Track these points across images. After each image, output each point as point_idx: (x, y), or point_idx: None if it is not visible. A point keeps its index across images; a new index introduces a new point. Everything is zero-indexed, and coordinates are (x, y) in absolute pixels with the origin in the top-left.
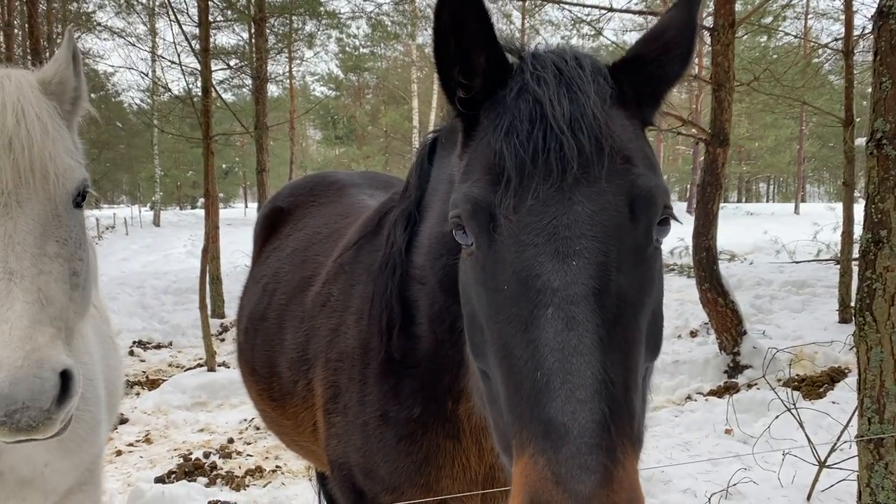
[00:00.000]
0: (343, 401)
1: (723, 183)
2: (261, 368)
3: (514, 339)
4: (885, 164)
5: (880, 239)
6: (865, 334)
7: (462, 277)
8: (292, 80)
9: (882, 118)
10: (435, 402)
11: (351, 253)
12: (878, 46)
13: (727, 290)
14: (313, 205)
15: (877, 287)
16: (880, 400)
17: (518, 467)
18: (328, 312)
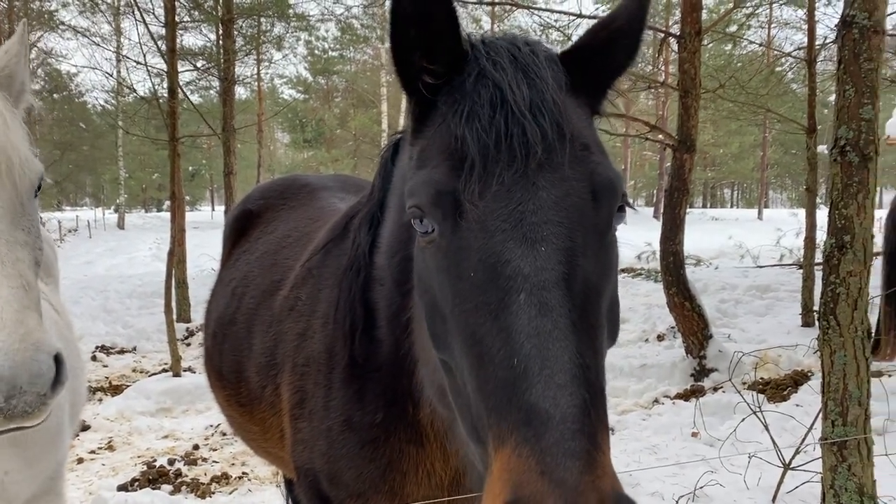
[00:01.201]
0: (309, 406)
1: (689, 188)
2: (228, 373)
3: (484, 327)
4: (848, 170)
5: (844, 244)
6: (829, 338)
7: (419, 267)
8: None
9: (845, 126)
10: (396, 407)
11: (319, 257)
12: (842, 55)
13: (693, 294)
14: (283, 208)
15: (840, 291)
16: (843, 403)
17: (499, 460)
18: (295, 317)
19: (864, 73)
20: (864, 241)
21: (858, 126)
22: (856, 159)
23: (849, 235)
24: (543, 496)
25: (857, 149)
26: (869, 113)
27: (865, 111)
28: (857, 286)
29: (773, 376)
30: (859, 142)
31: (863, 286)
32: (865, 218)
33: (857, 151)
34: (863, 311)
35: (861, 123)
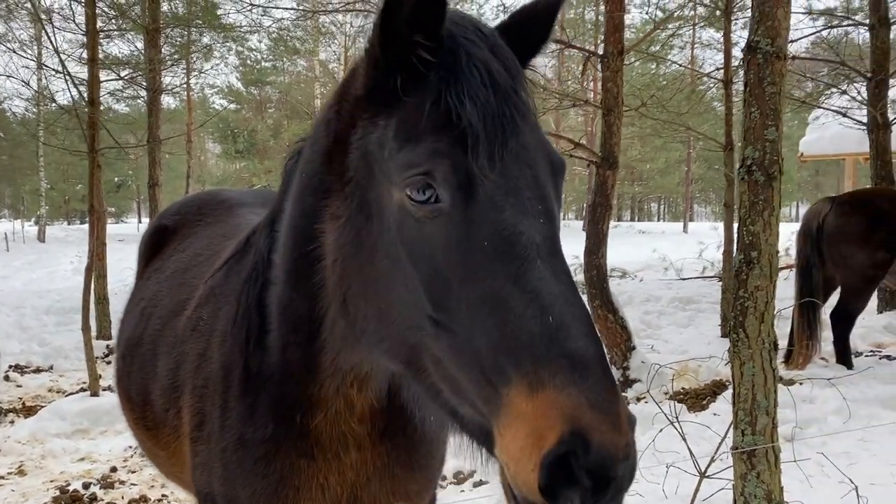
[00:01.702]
0: (207, 428)
1: (612, 204)
2: (136, 396)
3: (506, 290)
4: (754, 189)
5: (751, 260)
6: (739, 350)
7: (407, 237)
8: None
9: (752, 146)
10: (285, 418)
11: (220, 274)
12: (748, 79)
13: (617, 306)
14: (199, 224)
15: (749, 305)
16: (752, 412)
17: (539, 401)
18: (196, 337)
19: (768, 96)
20: (770, 256)
21: (764, 147)
22: (761, 178)
23: (756, 251)
24: (600, 423)
25: (762, 168)
26: (773, 134)
27: (770, 132)
28: (764, 300)
29: (693, 386)
30: (765, 162)
31: (769, 300)
32: (771, 234)
33: (762, 171)
34: (769, 324)
35: (766, 144)
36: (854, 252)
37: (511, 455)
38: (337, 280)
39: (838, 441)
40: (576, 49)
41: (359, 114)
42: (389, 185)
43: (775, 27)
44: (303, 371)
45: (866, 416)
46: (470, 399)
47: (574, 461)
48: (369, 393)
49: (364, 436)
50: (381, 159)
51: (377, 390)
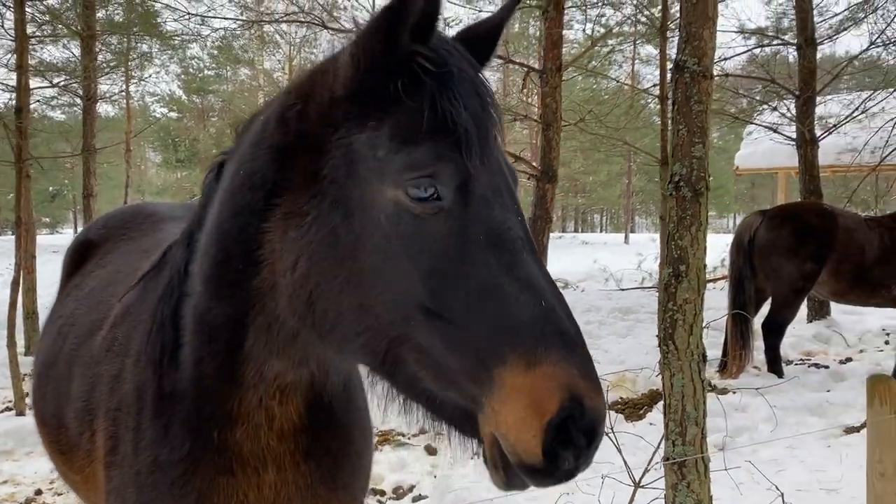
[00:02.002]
0: (121, 452)
1: (552, 216)
2: (50, 418)
3: (501, 279)
4: (682, 204)
5: (680, 273)
6: (669, 362)
7: (411, 234)
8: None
9: (679, 162)
10: (202, 435)
11: (136, 291)
12: (675, 97)
13: None
14: (123, 239)
15: (678, 318)
16: (682, 423)
17: (538, 376)
18: (111, 358)
19: (694, 114)
20: (698, 270)
21: (691, 163)
22: (689, 194)
23: (684, 265)
24: (590, 390)
25: (689, 184)
26: (700, 151)
27: (697, 149)
28: (693, 313)
29: (631, 396)
30: (692, 178)
31: (697, 312)
32: (698, 249)
33: (689, 186)
34: (698, 337)
35: (693, 161)
36: (784, 264)
37: (511, 425)
38: (300, 278)
39: (768, 449)
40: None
41: (339, 114)
42: (381, 183)
43: (701, 47)
44: (220, 384)
45: (795, 423)
46: (457, 383)
47: (572, 425)
48: (293, 405)
49: (285, 454)
50: (370, 159)
51: (302, 401)
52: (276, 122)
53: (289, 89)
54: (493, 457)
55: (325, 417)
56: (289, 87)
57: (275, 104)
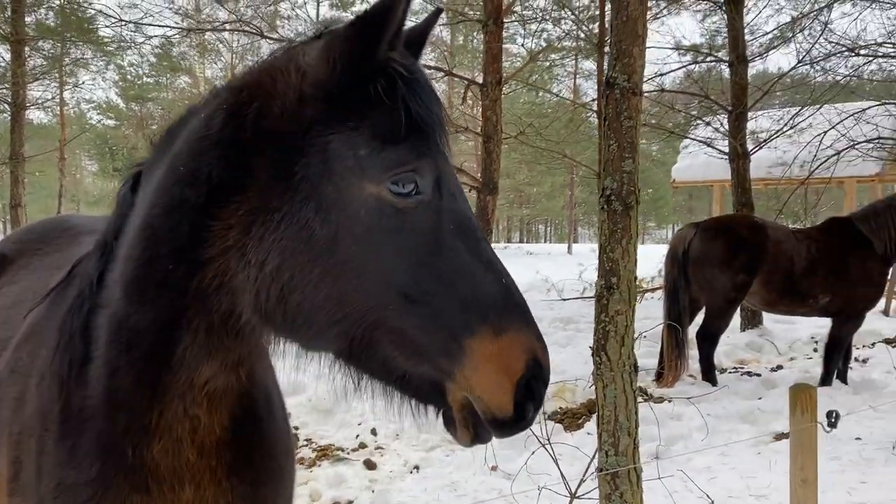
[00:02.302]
0: (23, 478)
1: (493, 228)
2: None
3: (470, 262)
4: (613, 217)
5: (612, 285)
6: (601, 373)
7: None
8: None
9: (610, 177)
10: (113, 452)
11: (42, 308)
12: (606, 113)
13: None
14: (37, 254)
15: (610, 329)
16: (615, 434)
17: (505, 341)
18: (15, 379)
19: (625, 129)
20: (629, 282)
21: (621, 177)
22: (619, 207)
23: (615, 277)
24: (543, 351)
25: (620, 198)
26: (630, 166)
27: (627, 164)
28: (624, 324)
29: (570, 406)
30: (622, 191)
31: (629, 324)
32: (629, 261)
33: (620, 200)
34: (629, 347)
35: (623, 175)
36: (717, 275)
37: (485, 387)
38: (271, 273)
39: (701, 456)
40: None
41: (309, 113)
42: (360, 180)
43: (631, 64)
44: (139, 395)
45: (728, 430)
46: (430, 357)
47: (533, 381)
48: (220, 414)
49: (206, 470)
50: (349, 158)
51: (229, 411)
52: (224, 119)
53: (238, 87)
54: (463, 418)
55: (249, 430)
56: (237, 85)
57: (216, 102)
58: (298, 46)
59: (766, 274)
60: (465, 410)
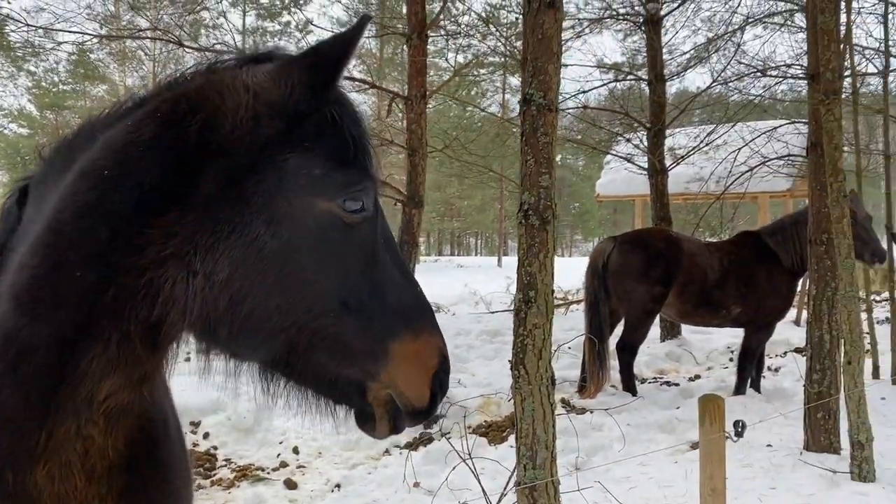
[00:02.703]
0: None
1: (418, 241)
2: None
3: (395, 272)
4: (531, 232)
5: (529, 299)
6: (520, 386)
7: (341, 240)
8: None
9: (528, 192)
10: None
11: None
12: (524, 129)
13: None
14: None
15: (528, 343)
16: (533, 447)
17: (422, 342)
18: None
19: (541, 145)
20: (546, 295)
21: (538, 193)
22: (537, 222)
23: (533, 291)
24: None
25: (537, 213)
26: (547, 181)
27: (544, 179)
28: (542, 337)
29: (495, 419)
30: (539, 206)
31: (546, 337)
32: (546, 275)
33: (537, 215)
34: (547, 361)
35: (540, 190)
36: (635, 287)
37: (407, 383)
38: (221, 283)
39: (621, 467)
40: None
41: (264, 132)
42: (313, 197)
43: (547, 81)
44: (25, 415)
45: (647, 440)
46: (359, 360)
47: (442, 374)
48: (116, 435)
49: (95, 498)
50: (303, 176)
51: (126, 431)
52: (158, 127)
53: (173, 97)
54: (384, 413)
55: (145, 454)
56: (172, 95)
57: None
58: (244, 66)
59: (680, 286)
60: (387, 406)
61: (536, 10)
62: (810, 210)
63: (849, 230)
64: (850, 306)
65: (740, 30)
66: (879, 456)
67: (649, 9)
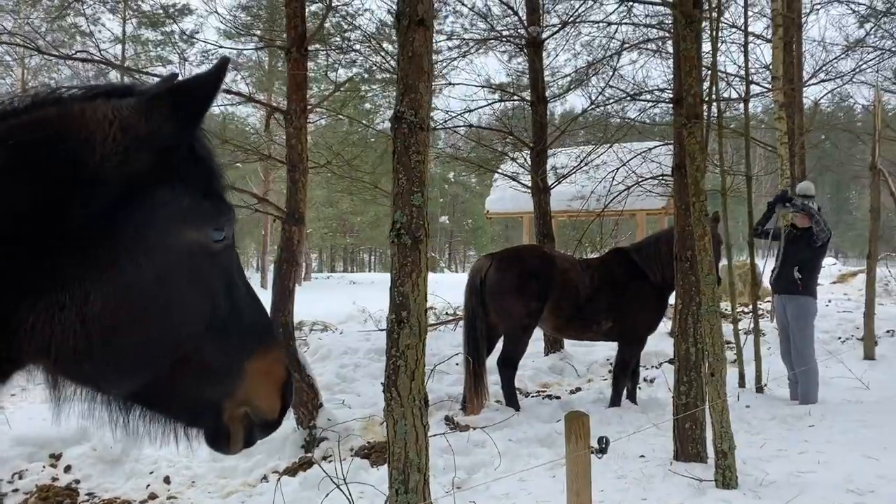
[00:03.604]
0: None
1: (299, 260)
2: None
3: (246, 294)
4: (403, 251)
5: (402, 319)
6: (392, 409)
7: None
8: None
9: (400, 211)
10: None
11: None
12: (395, 147)
13: (303, 364)
14: None
15: (400, 364)
16: (406, 471)
17: (272, 358)
18: None
19: (413, 164)
20: (419, 316)
21: (411, 211)
22: (409, 241)
23: (406, 311)
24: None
25: (410, 232)
26: (419, 200)
27: (416, 198)
28: (415, 358)
29: (379, 439)
30: (412, 225)
31: (419, 357)
32: (419, 295)
33: (410, 234)
34: (420, 382)
35: (412, 209)
36: (511, 303)
37: (262, 396)
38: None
39: (501, 483)
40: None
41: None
42: (182, 226)
43: (418, 100)
44: None
45: (527, 455)
46: (219, 380)
47: (287, 386)
48: None
49: None
50: (173, 206)
51: None
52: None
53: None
54: (240, 429)
55: None
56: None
57: None
58: (111, 101)
59: (554, 301)
60: (242, 422)
61: (406, 28)
62: (676, 228)
63: (710, 248)
64: (713, 321)
65: (617, 55)
66: (742, 463)
67: (531, 32)
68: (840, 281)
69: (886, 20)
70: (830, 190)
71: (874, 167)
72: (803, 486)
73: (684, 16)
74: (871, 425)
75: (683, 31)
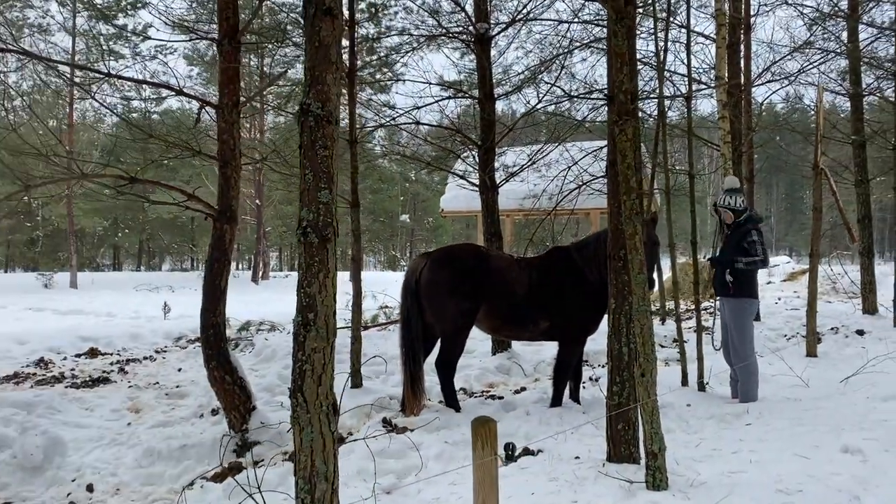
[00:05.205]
0: None
1: (230, 258)
2: None
3: None
4: (310, 251)
5: (308, 322)
6: (298, 416)
7: None
8: None
9: (307, 208)
10: None
11: None
12: (302, 141)
13: (235, 366)
14: None
15: (307, 368)
16: (312, 480)
17: None
18: None
19: (320, 159)
20: (327, 317)
21: (318, 209)
22: (316, 240)
23: (313, 313)
24: None
25: (317, 230)
26: (326, 197)
27: (323, 195)
28: (322, 362)
29: None
30: (319, 223)
31: (327, 362)
32: (327, 296)
33: (317, 233)
34: (327, 387)
35: (320, 206)
36: (445, 303)
37: None
38: None
39: (432, 487)
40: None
41: None
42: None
43: (325, 91)
44: None
45: (463, 457)
46: None
47: None
48: None
49: None
50: None
51: None
52: None
53: None
54: None
55: None
56: None
57: None
58: None
59: (489, 301)
60: None
61: (313, 17)
62: (609, 226)
63: (641, 247)
64: (643, 320)
65: (568, 53)
66: (675, 463)
67: (478, 28)
68: (790, 279)
69: (832, 22)
70: (785, 190)
71: (816, 167)
72: (733, 486)
73: (615, 11)
74: (805, 423)
75: (614, 26)
